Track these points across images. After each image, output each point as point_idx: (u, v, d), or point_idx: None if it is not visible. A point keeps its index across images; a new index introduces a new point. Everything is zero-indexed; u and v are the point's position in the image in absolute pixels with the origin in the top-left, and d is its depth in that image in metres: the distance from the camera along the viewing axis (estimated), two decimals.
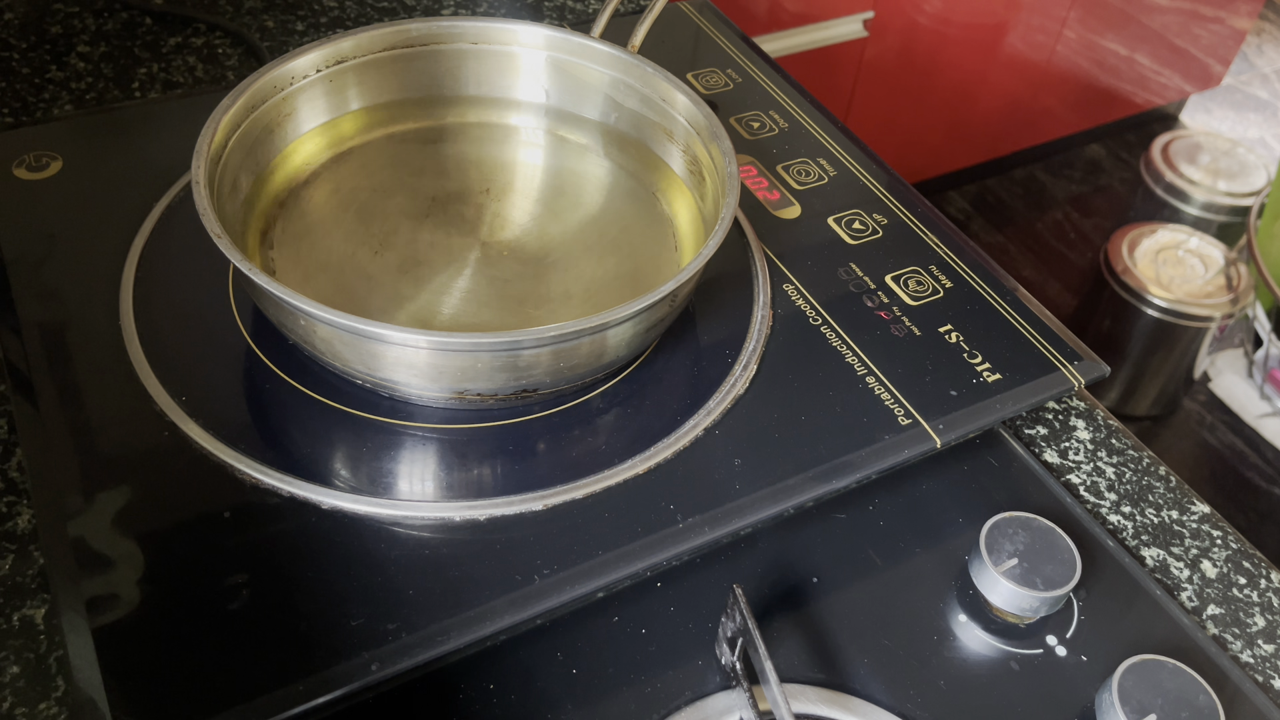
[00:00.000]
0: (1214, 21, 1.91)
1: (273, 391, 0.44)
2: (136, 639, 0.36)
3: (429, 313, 0.47)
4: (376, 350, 0.40)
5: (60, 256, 0.49)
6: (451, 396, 0.42)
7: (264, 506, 0.40)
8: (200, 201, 0.42)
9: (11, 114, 0.61)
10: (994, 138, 1.78)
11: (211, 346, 0.46)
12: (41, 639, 0.39)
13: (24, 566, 0.41)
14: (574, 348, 0.41)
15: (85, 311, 0.46)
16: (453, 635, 0.37)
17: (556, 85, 0.57)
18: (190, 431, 0.42)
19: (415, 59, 0.55)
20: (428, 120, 0.57)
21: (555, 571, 0.39)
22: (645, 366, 0.47)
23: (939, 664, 0.41)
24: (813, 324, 0.50)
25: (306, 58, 0.51)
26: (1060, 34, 1.64)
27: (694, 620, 0.42)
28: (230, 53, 0.68)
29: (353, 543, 0.39)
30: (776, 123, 0.62)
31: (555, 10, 0.75)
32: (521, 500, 0.41)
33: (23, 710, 0.37)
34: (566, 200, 0.54)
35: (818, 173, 0.59)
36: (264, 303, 0.43)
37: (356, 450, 0.43)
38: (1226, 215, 1.84)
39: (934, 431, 0.45)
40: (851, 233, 0.55)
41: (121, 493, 0.40)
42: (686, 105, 0.52)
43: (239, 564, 0.38)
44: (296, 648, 0.36)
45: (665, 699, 0.39)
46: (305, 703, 0.35)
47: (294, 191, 0.52)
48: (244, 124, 0.49)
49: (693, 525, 0.41)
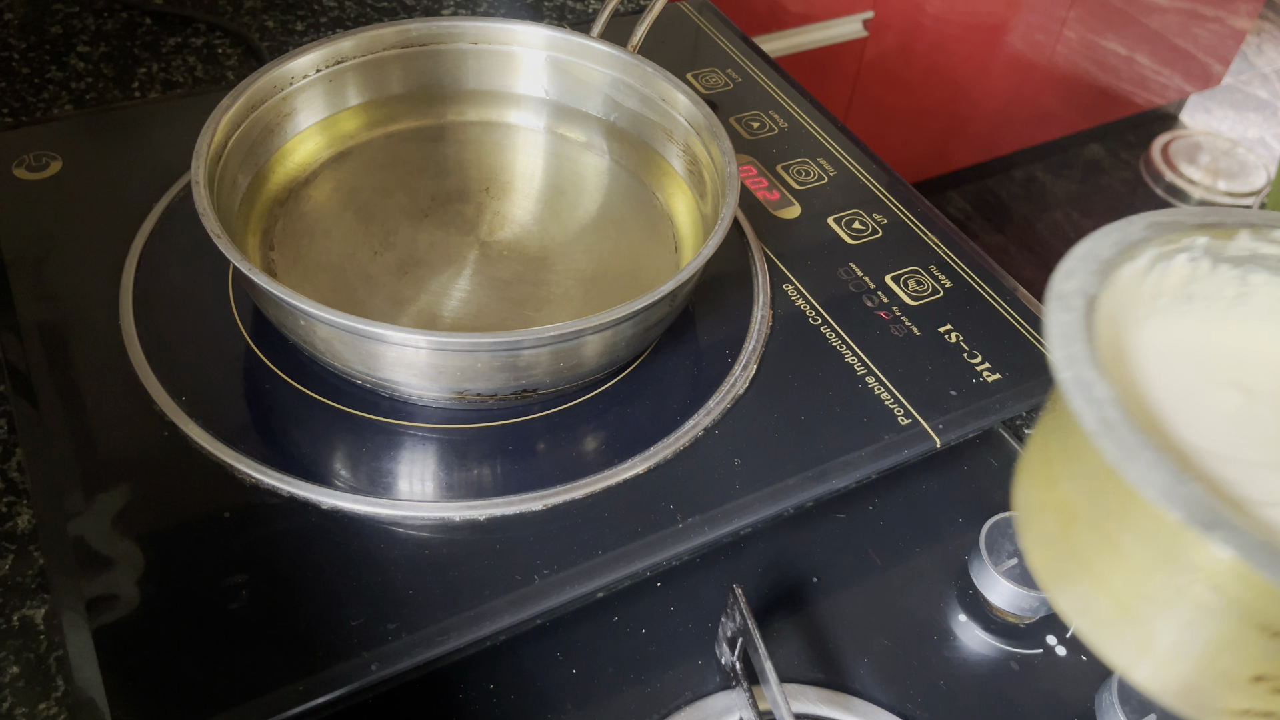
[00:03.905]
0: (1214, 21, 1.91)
1: (273, 391, 0.44)
2: (136, 639, 0.36)
3: (429, 312, 0.47)
4: (376, 350, 0.40)
5: (60, 256, 0.49)
6: (451, 396, 0.42)
7: (264, 506, 0.40)
8: (200, 201, 0.42)
9: (11, 114, 0.61)
10: (994, 138, 1.78)
11: (211, 347, 0.46)
12: (41, 639, 0.39)
13: (24, 566, 0.41)
14: (574, 348, 0.41)
15: (85, 311, 0.46)
16: (452, 635, 0.37)
17: (556, 85, 0.57)
18: (190, 432, 0.42)
19: (415, 59, 0.55)
20: (427, 120, 0.57)
21: (555, 571, 0.39)
22: (645, 366, 0.47)
23: (939, 664, 0.41)
24: (813, 324, 0.50)
25: (306, 58, 0.51)
26: (1060, 34, 1.64)
27: (694, 620, 0.42)
28: (230, 53, 0.68)
29: (352, 543, 0.39)
30: (776, 122, 0.62)
31: (555, 10, 0.75)
32: (521, 500, 0.41)
33: (23, 710, 0.37)
34: (566, 200, 0.54)
35: (818, 172, 0.59)
36: (264, 303, 0.43)
37: (356, 450, 0.43)
38: None
39: (934, 431, 0.45)
40: (851, 232, 0.55)
41: (121, 493, 0.40)
42: (686, 105, 0.52)
43: (239, 564, 0.38)
44: (296, 648, 0.36)
45: (665, 699, 0.39)
46: (305, 703, 0.35)
47: (294, 191, 0.52)
48: (244, 124, 0.49)
49: (693, 525, 0.41)
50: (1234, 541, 0.23)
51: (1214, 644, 0.26)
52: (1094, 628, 0.29)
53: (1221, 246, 0.34)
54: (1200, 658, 0.27)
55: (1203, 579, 0.25)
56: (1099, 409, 0.26)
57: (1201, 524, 0.24)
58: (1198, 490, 0.24)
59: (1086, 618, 0.30)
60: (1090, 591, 0.29)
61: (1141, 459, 0.25)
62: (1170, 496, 0.24)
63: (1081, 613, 0.30)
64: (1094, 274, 0.31)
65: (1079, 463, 0.26)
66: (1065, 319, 0.29)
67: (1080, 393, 0.27)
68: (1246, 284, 0.35)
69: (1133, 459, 0.25)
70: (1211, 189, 1.83)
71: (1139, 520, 0.25)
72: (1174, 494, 0.24)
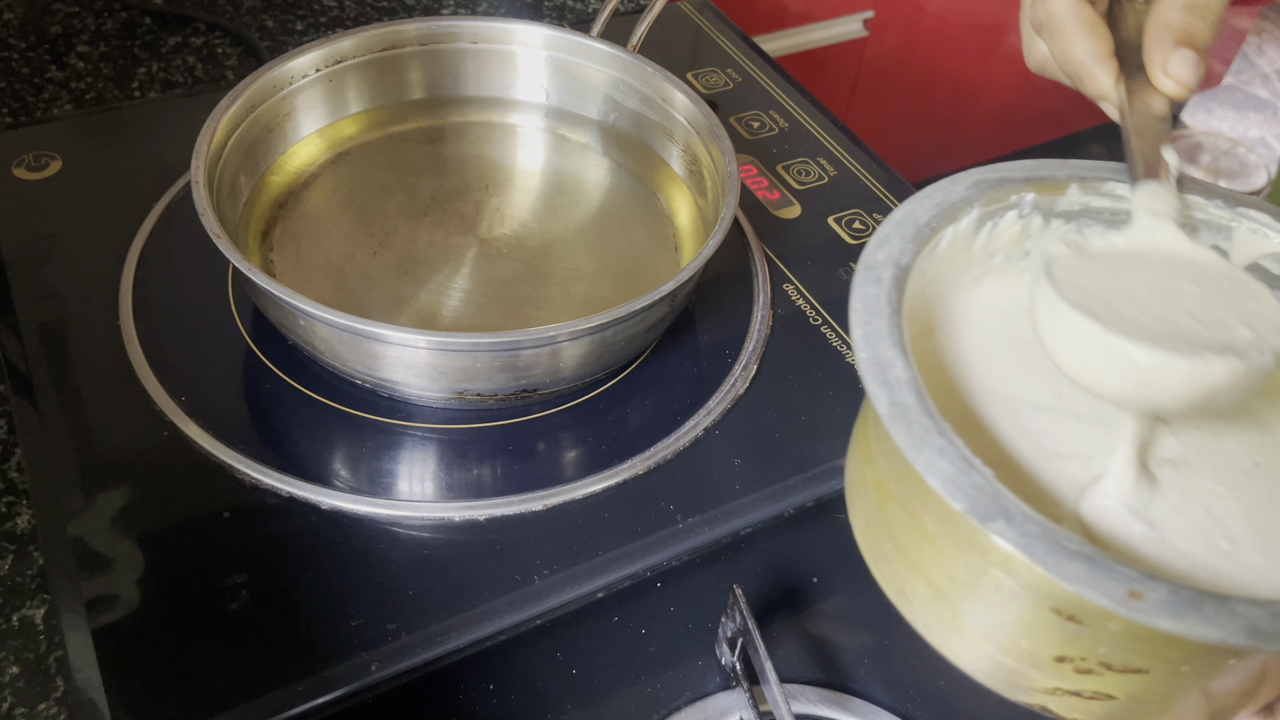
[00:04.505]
0: None
1: (272, 391, 0.44)
2: (136, 639, 0.36)
3: (429, 312, 0.47)
4: (376, 350, 0.40)
5: (60, 256, 0.49)
6: (451, 396, 0.42)
7: (263, 507, 0.40)
8: (200, 201, 0.42)
9: (11, 114, 0.61)
10: (995, 137, 1.77)
11: (211, 347, 0.46)
12: (41, 639, 0.39)
13: (24, 567, 0.41)
14: (574, 348, 0.41)
15: (85, 311, 0.46)
16: (452, 636, 0.37)
17: (556, 85, 0.57)
18: (190, 431, 0.42)
19: (414, 59, 0.55)
20: (427, 120, 0.57)
21: (555, 571, 0.39)
22: (645, 366, 0.47)
23: (939, 664, 0.41)
24: (813, 324, 0.50)
25: (306, 57, 0.51)
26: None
27: (694, 620, 0.42)
28: (230, 52, 0.68)
29: (352, 543, 0.39)
30: (776, 122, 0.62)
31: (555, 10, 0.75)
32: (521, 500, 0.41)
33: (22, 711, 0.37)
34: (566, 199, 0.54)
35: (818, 172, 0.59)
36: (264, 303, 0.43)
37: (356, 450, 0.43)
38: None
39: None
40: (852, 232, 0.55)
41: (121, 493, 0.40)
42: (686, 105, 0.52)
43: (238, 564, 0.38)
44: (296, 648, 0.36)
45: (665, 699, 0.39)
46: (304, 703, 0.35)
47: (293, 191, 0.52)
48: (243, 124, 0.49)
49: (693, 525, 0.41)
50: (1009, 534, 0.23)
51: (1015, 626, 0.26)
52: (910, 606, 0.29)
53: (1051, 202, 0.33)
54: (1005, 639, 0.27)
55: (996, 564, 0.25)
56: (892, 391, 0.26)
57: (980, 515, 0.24)
58: (980, 479, 0.24)
59: (903, 596, 0.30)
60: (906, 570, 0.29)
61: (930, 445, 0.25)
62: (953, 486, 0.24)
63: (899, 591, 0.30)
64: (910, 240, 0.30)
65: (888, 441, 0.26)
66: (871, 292, 0.28)
67: (876, 374, 0.27)
68: (1083, 237, 0.34)
69: (921, 445, 0.25)
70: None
71: (938, 504, 0.25)
72: (957, 483, 0.24)
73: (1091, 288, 0.29)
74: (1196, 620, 0.22)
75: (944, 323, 0.33)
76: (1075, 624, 0.25)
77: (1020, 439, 0.31)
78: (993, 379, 0.32)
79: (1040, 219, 0.33)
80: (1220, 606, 0.23)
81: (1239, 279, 0.30)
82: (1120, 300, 0.29)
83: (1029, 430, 0.31)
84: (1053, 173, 0.33)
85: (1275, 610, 0.23)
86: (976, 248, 0.33)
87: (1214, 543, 0.28)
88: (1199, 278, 0.30)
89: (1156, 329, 0.27)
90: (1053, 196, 0.33)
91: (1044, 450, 0.30)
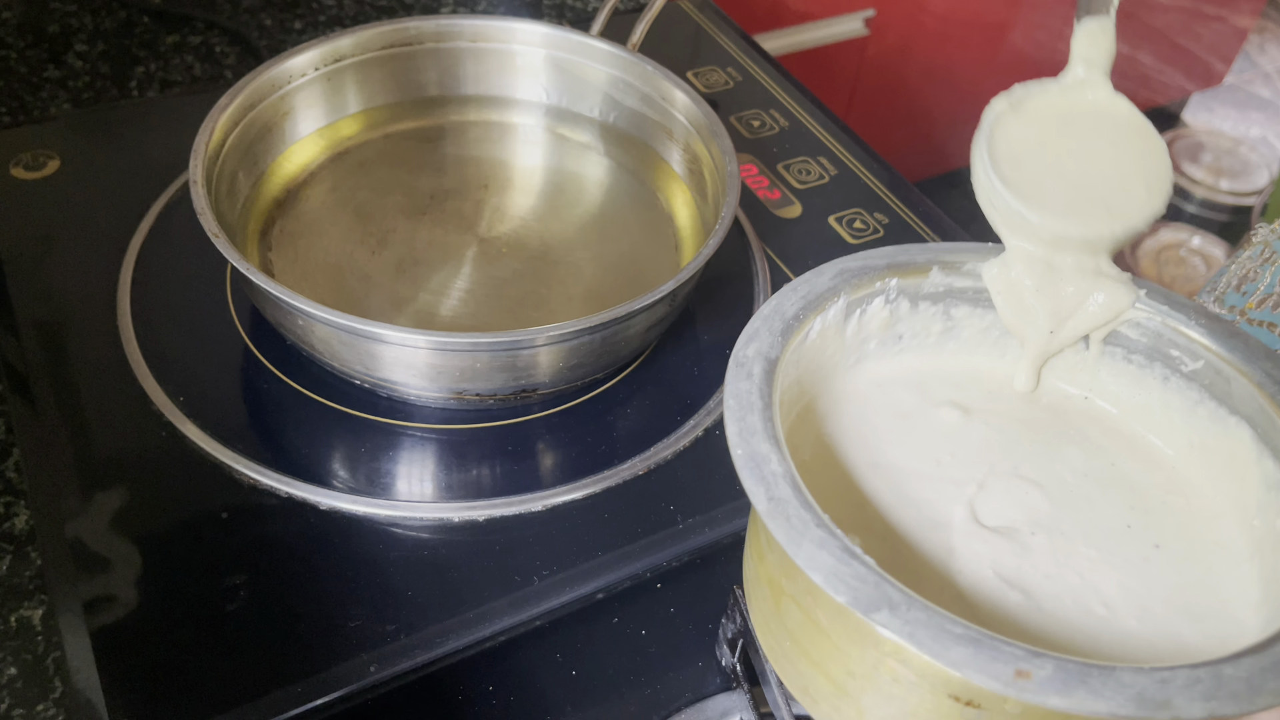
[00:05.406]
0: (1216, 20, 1.91)
1: (271, 392, 0.44)
2: (134, 640, 0.36)
3: (428, 312, 0.47)
4: (375, 350, 0.40)
5: (58, 256, 0.49)
6: (450, 396, 0.42)
7: (262, 507, 0.40)
8: (198, 201, 0.42)
9: (9, 113, 0.61)
10: None
11: (209, 346, 0.46)
12: (39, 640, 0.39)
13: (21, 567, 0.41)
14: (573, 348, 0.41)
15: (83, 311, 0.46)
16: (452, 636, 0.37)
17: (555, 83, 0.57)
18: (188, 432, 0.42)
19: (413, 57, 0.55)
20: (426, 119, 0.56)
21: (555, 572, 0.39)
22: (645, 366, 0.47)
23: None
24: None
25: (304, 56, 0.51)
26: (1062, 32, 1.64)
27: (694, 621, 0.42)
28: (228, 51, 0.68)
29: (351, 544, 0.39)
30: (777, 121, 0.62)
31: (554, 8, 0.75)
32: (521, 501, 0.41)
33: (20, 711, 0.37)
34: (566, 199, 0.54)
35: (818, 171, 0.59)
36: (262, 302, 0.43)
37: (355, 451, 0.42)
38: (1229, 214, 1.84)
39: None
40: (853, 232, 0.55)
41: (119, 493, 0.40)
42: (686, 104, 0.52)
43: (237, 565, 0.38)
44: (295, 649, 0.36)
45: (665, 700, 0.39)
46: (303, 704, 0.34)
47: (292, 190, 0.51)
48: (242, 123, 0.48)
49: (693, 525, 0.41)
50: (894, 624, 0.23)
51: (918, 715, 0.26)
52: (816, 706, 0.29)
53: (916, 285, 0.34)
54: None
55: (890, 654, 0.25)
56: (769, 486, 0.26)
57: (863, 607, 0.23)
58: (862, 569, 0.24)
59: (808, 696, 0.29)
60: (807, 668, 0.29)
61: (809, 538, 0.25)
62: (834, 579, 0.24)
63: (804, 691, 0.30)
64: (778, 334, 0.30)
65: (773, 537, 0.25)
66: (743, 387, 0.29)
67: (752, 470, 0.26)
68: (951, 318, 0.35)
69: (801, 539, 0.25)
70: (1213, 188, 1.83)
71: (826, 598, 0.24)
72: (839, 575, 0.24)
73: (1023, 156, 0.33)
74: (1084, 694, 0.22)
75: (825, 401, 0.34)
76: (974, 709, 0.24)
77: (903, 510, 0.31)
78: (875, 450, 0.32)
79: (908, 303, 0.34)
80: (1106, 678, 0.22)
81: (1148, 134, 0.33)
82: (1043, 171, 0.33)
83: (911, 500, 0.31)
84: (913, 258, 0.34)
85: (1162, 678, 0.22)
86: (849, 335, 0.34)
87: (1090, 609, 0.29)
88: (1117, 137, 0.33)
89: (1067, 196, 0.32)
90: (917, 279, 0.34)
91: (926, 520, 0.31)
